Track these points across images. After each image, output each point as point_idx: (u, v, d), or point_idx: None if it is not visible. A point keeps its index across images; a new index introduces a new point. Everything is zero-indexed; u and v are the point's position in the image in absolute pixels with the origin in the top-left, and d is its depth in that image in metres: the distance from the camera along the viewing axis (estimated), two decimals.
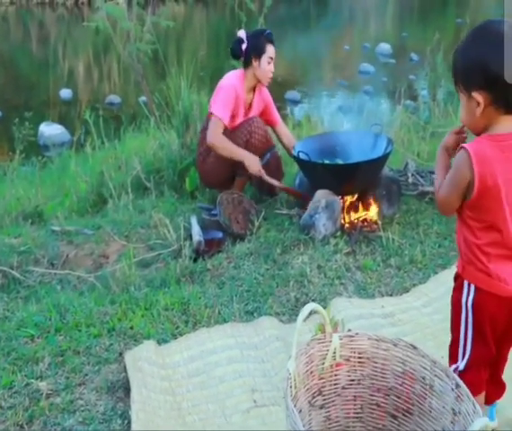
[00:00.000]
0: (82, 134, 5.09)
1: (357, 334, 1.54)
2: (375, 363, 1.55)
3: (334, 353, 1.52)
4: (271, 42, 3.50)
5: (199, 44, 11.53)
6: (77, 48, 11.51)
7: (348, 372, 1.56)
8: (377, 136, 3.51)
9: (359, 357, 1.57)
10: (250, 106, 3.62)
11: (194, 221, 3.29)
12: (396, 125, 5.35)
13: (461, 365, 1.67)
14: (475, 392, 1.55)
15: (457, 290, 1.66)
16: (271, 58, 3.49)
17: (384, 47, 11.56)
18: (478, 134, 1.58)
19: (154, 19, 5.68)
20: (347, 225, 3.21)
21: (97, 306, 2.57)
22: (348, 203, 3.34)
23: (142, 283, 2.84)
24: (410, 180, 3.75)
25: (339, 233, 3.13)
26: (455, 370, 1.66)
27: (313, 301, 2.62)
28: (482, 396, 1.71)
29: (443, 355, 1.95)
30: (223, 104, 3.42)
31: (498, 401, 1.85)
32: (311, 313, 1.51)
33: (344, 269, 2.86)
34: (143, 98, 5.58)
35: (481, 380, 1.68)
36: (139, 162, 4.19)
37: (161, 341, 2.39)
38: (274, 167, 3.63)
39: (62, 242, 3.31)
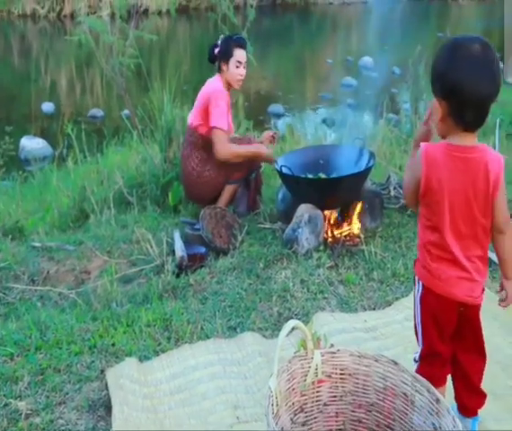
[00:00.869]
0: (64, 148, 5.06)
1: (338, 350, 1.54)
2: (357, 379, 1.55)
3: (316, 369, 1.52)
4: (240, 46, 3.54)
5: (183, 58, 11.55)
6: (60, 62, 11.44)
7: (330, 388, 1.56)
8: (360, 149, 3.54)
9: (341, 374, 1.57)
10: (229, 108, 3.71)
11: (177, 236, 3.28)
12: (379, 138, 5.39)
13: (417, 355, 1.78)
14: (433, 385, 1.62)
15: (414, 285, 1.77)
16: (239, 62, 3.52)
17: (367, 60, 11.66)
18: (441, 136, 1.67)
19: (137, 33, 5.66)
20: (330, 239, 3.22)
21: (78, 323, 2.54)
22: (330, 217, 3.35)
23: (124, 299, 2.82)
24: (393, 193, 3.77)
25: (321, 247, 3.14)
26: (415, 359, 1.78)
27: (296, 315, 2.62)
28: (443, 390, 1.75)
29: None
30: (220, 113, 3.45)
31: (480, 416, 1.86)
32: (293, 329, 1.52)
33: (327, 283, 2.86)
34: (126, 112, 5.55)
35: (438, 375, 1.73)
36: (122, 177, 4.17)
37: (143, 358, 2.37)
38: (259, 183, 3.80)
39: (43, 258, 3.27)
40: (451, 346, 1.75)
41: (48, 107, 8.38)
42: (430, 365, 1.72)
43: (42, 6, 16.57)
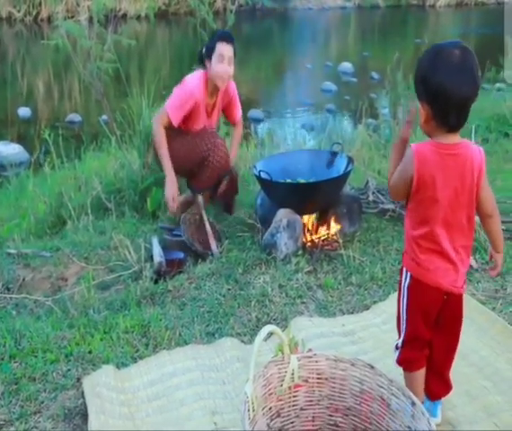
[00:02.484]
0: (41, 153, 5.00)
1: (315, 355, 1.55)
2: (334, 383, 1.56)
3: (292, 374, 1.52)
4: (224, 39, 3.33)
5: (162, 63, 11.50)
6: (37, 66, 11.31)
7: (307, 393, 1.56)
8: (338, 154, 3.56)
9: (318, 378, 1.57)
10: (213, 107, 3.55)
11: (155, 242, 3.26)
12: (357, 143, 5.43)
13: (400, 341, 1.87)
14: (413, 368, 1.85)
15: (400, 274, 1.88)
16: (222, 56, 3.30)
17: (346, 65, 11.75)
18: (428, 135, 1.76)
19: (116, 37, 5.63)
20: (308, 244, 3.24)
21: (54, 331, 2.51)
22: (309, 222, 3.36)
23: (101, 306, 2.79)
24: (371, 197, 3.80)
25: (300, 252, 3.15)
26: (397, 346, 1.89)
27: (275, 320, 2.62)
28: (421, 373, 1.88)
29: (402, 372, 1.99)
30: (178, 105, 3.35)
31: (442, 400, 1.98)
32: (271, 334, 1.51)
33: (305, 288, 2.87)
34: (104, 117, 5.51)
35: (419, 358, 1.86)
36: (100, 183, 4.13)
37: (120, 365, 2.34)
38: (229, 190, 3.68)
39: (18, 266, 3.23)
40: (431, 331, 1.87)
41: (24, 112, 8.27)
42: (412, 349, 1.85)
43: (18, 10, 16.37)
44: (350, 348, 2.42)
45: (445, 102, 1.62)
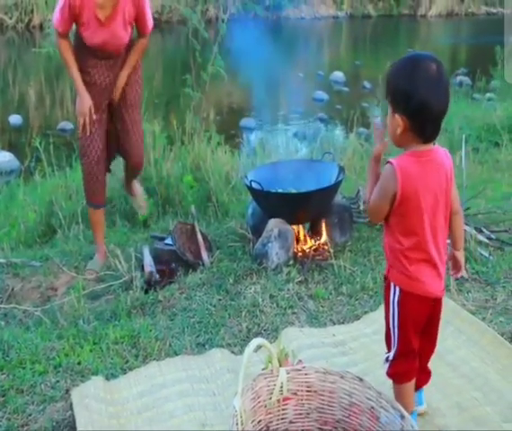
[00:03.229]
0: (31, 161, 4.97)
1: (304, 368, 1.54)
2: (323, 396, 1.55)
3: (281, 387, 1.51)
4: None
5: (154, 71, 11.49)
6: (28, 73, 11.26)
7: (296, 405, 1.55)
8: (329, 164, 3.57)
9: (307, 391, 1.57)
10: (111, 15, 3.11)
11: (146, 251, 3.25)
12: (349, 152, 5.45)
13: (391, 354, 1.87)
14: (405, 380, 1.86)
15: (386, 290, 1.87)
16: None
17: (338, 75, 11.79)
18: (398, 146, 1.78)
19: None
20: (299, 254, 3.23)
21: (43, 342, 2.49)
22: (300, 231, 3.36)
23: (91, 316, 2.77)
24: (362, 207, 3.80)
25: (291, 262, 3.14)
26: (387, 359, 1.87)
27: (265, 331, 2.62)
28: (412, 384, 1.90)
29: (391, 384, 1.99)
30: (59, 8, 3.09)
31: (424, 387, 2.03)
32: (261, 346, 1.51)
33: (296, 298, 2.86)
34: None
35: (410, 369, 1.88)
36: None
37: (109, 376, 2.33)
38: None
39: (7, 275, 3.21)
40: (419, 339, 1.90)
41: (15, 119, 8.23)
42: (405, 362, 1.86)
43: (10, 17, 16.29)
44: (341, 359, 2.42)
45: (426, 116, 1.67)
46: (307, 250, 3.27)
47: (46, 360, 2.37)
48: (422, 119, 1.67)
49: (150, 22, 3.39)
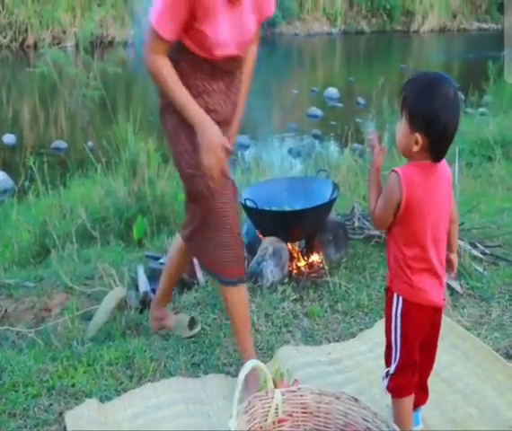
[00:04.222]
0: (25, 181, 4.97)
1: (299, 389, 1.53)
2: (318, 417, 1.55)
3: (276, 409, 1.50)
4: None
5: (148, 89, 11.52)
6: (22, 92, 11.28)
7: (292, 427, 1.54)
8: (324, 181, 3.58)
9: (303, 412, 1.56)
10: None
11: (140, 271, 3.23)
12: (343, 168, 5.46)
13: (392, 368, 1.86)
14: (404, 394, 1.86)
15: (388, 302, 1.88)
16: None
17: (332, 91, 11.87)
18: (405, 156, 1.83)
19: (102, 64, 5.67)
20: (294, 272, 3.23)
21: (37, 364, 2.46)
22: (295, 249, 3.36)
23: (85, 337, 2.75)
24: (357, 223, 3.81)
25: (286, 280, 3.14)
26: (388, 373, 1.87)
27: (261, 350, 2.60)
28: (412, 399, 1.89)
29: (388, 403, 1.98)
30: (164, 10, 2.07)
31: (421, 407, 2.02)
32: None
33: (291, 317, 2.85)
34: (90, 144, 5.51)
35: (410, 383, 1.88)
36: (85, 211, 4.11)
37: (104, 398, 2.30)
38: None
39: (1, 296, 3.17)
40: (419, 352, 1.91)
41: (9, 138, 8.22)
42: (405, 375, 1.86)
43: (4, 36, 16.34)
44: (336, 378, 2.41)
45: (446, 138, 1.75)
46: (302, 268, 3.27)
47: (39, 383, 2.34)
48: (442, 141, 1.75)
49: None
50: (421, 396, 1.99)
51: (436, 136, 1.74)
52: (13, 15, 16.05)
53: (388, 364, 1.91)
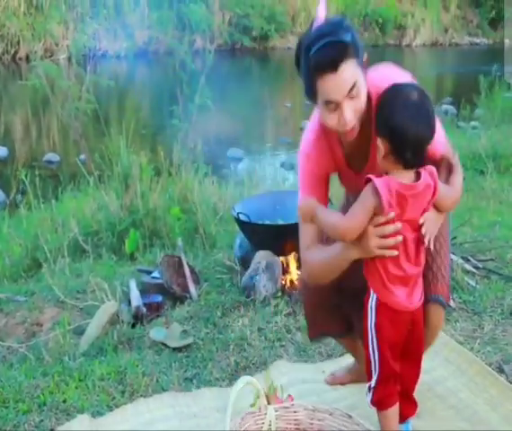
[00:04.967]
0: (17, 194, 4.94)
1: (292, 405, 1.52)
2: None
3: (270, 425, 1.49)
4: (322, 71, 1.73)
5: (141, 102, 11.55)
6: (14, 105, 11.24)
7: None
8: None
9: (296, 428, 1.55)
10: (365, 158, 1.96)
11: (133, 285, 3.22)
12: (335, 182, 5.47)
13: (373, 381, 1.84)
14: (388, 405, 1.83)
15: (365, 316, 1.85)
16: (329, 102, 1.78)
17: None
18: (383, 172, 1.80)
19: (94, 77, 5.66)
20: (287, 286, 3.22)
21: (27, 379, 2.44)
22: (288, 263, 3.36)
23: (77, 352, 2.73)
24: None
25: (279, 294, 3.13)
26: (370, 387, 1.85)
27: (254, 365, 2.59)
28: (396, 409, 1.86)
29: None
30: (302, 186, 2.03)
31: (410, 419, 1.98)
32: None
33: (284, 331, 2.84)
34: (82, 157, 5.50)
35: (392, 393, 1.86)
36: (77, 224, 4.09)
37: (96, 414, 2.28)
38: None
39: None
40: (399, 361, 1.88)
41: (1, 151, 8.19)
42: (386, 386, 1.84)
43: None
44: (331, 395, 2.38)
45: (403, 139, 1.71)
46: (295, 282, 3.26)
47: (30, 398, 2.32)
48: (400, 143, 1.72)
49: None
50: (408, 407, 1.96)
51: (392, 137, 1.71)
52: (5, 27, 16.03)
53: (369, 378, 1.88)
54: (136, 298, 3.08)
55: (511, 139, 6.25)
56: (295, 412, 1.52)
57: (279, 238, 3.26)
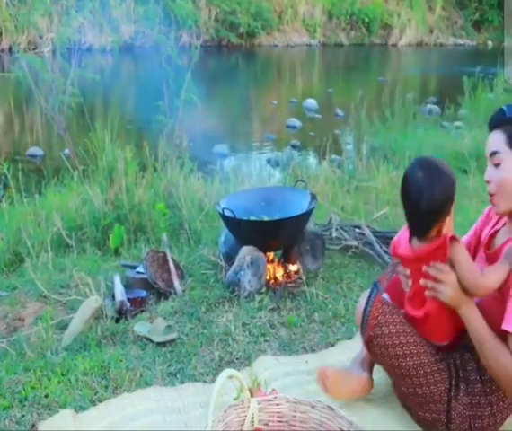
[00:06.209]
0: None
1: (275, 398, 1.53)
2: (294, 426, 1.54)
3: (252, 418, 1.50)
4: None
5: (127, 97, 11.46)
6: None
7: None
8: (302, 191, 3.59)
9: (278, 421, 1.55)
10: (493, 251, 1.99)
11: (117, 280, 3.20)
12: (321, 179, 5.50)
13: None
14: None
15: None
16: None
17: (311, 102, 11.94)
18: None
19: (79, 71, 5.61)
20: (272, 281, 3.23)
21: (8, 375, 2.42)
22: (273, 259, 3.37)
23: (60, 347, 2.71)
24: (334, 234, 3.83)
25: (264, 290, 3.14)
26: None
27: (238, 359, 2.60)
28: None
29: (363, 407, 1.98)
30: None
31: None
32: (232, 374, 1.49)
33: (269, 326, 2.85)
34: (66, 151, 5.45)
35: None
36: (61, 219, 4.05)
37: (78, 409, 2.27)
38: None
39: None
40: None
41: None
42: None
43: None
44: (315, 387, 2.39)
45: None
46: (280, 278, 3.27)
47: (11, 394, 2.30)
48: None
49: None
50: None
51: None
52: None
53: None
54: (120, 293, 3.07)
55: None
56: (277, 405, 1.52)
57: (264, 234, 3.27)
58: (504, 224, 2.00)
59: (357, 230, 3.89)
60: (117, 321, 2.94)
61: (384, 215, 4.39)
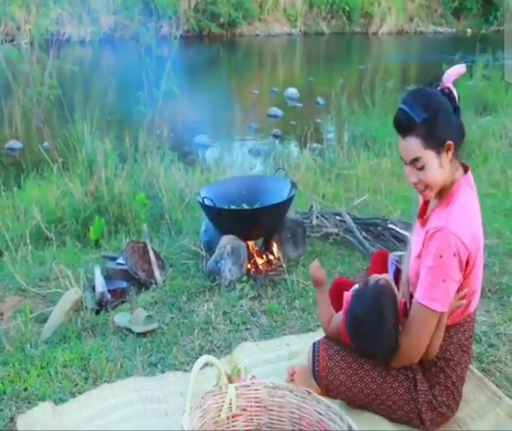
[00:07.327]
0: None
1: (253, 383, 1.54)
2: (272, 411, 1.55)
3: (230, 404, 1.50)
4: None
5: (106, 88, 11.36)
6: None
7: (246, 421, 1.55)
8: (282, 180, 3.60)
9: (256, 406, 1.56)
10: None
11: (97, 271, 3.18)
12: (303, 167, 5.51)
13: None
14: None
15: None
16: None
17: (292, 91, 11.94)
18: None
19: (58, 63, 5.56)
20: (252, 270, 3.24)
21: None
22: (253, 247, 3.37)
23: (39, 340, 2.69)
24: (315, 222, 3.85)
25: (245, 278, 3.15)
26: None
27: (218, 348, 2.61)
28: None
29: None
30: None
31: None
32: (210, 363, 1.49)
33: (249, 314, 2.86)
34: (45, 144, 5.39)
35: None
36: (40, 212, 4.01)
37: (58, 401, 2.26)
38: None
39: None
40: None
41: None
42: None
43: None
44: None
45: None
46: (260, 266, 3.28)
47: None
48: None
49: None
50: None
51: None
52: None
53: None
54: (100, 284, 3.05)
55: (472, 126, 6.36)
56: (255, 390, 1.53)
57: (245, 223, 3.27)
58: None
59: (337, 217, 3.91)
60: (97, 312, 2.93)
61: (364, 202, 4.42)
